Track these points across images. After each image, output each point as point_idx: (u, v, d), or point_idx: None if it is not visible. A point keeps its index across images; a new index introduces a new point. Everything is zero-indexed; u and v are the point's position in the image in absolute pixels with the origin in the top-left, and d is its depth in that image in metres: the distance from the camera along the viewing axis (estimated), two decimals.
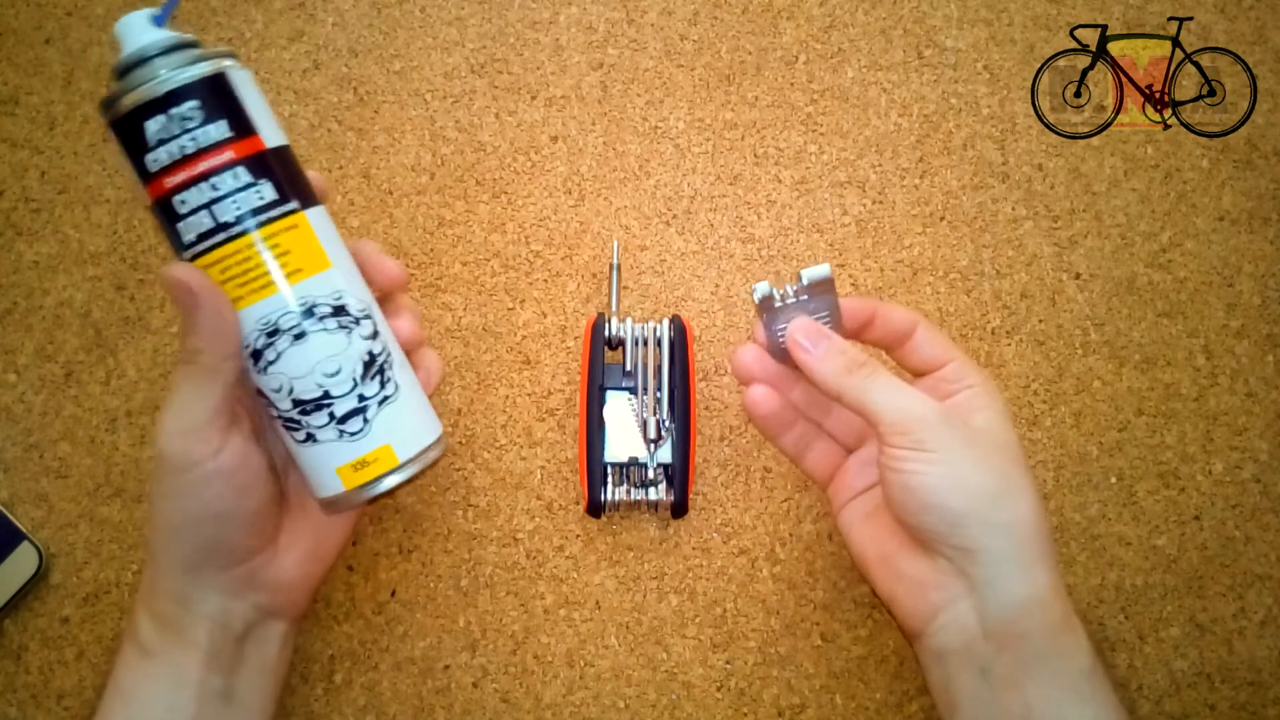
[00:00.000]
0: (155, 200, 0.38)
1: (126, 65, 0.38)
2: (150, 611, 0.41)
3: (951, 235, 0.58)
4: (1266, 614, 0.53)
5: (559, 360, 0.55)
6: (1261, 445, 0.56)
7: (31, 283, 0.56)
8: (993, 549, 0.39)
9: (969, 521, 0.39)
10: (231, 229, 0.38)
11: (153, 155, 0.37)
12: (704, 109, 0.60)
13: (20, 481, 0.53)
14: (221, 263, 0.38)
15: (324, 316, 0.39)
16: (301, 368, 0.39)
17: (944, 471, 0.40)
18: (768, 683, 0.51)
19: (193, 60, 0.38)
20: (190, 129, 0.37)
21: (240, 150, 0.38)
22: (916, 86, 0.61)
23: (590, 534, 0.53)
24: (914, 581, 0.42)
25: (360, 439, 0.40)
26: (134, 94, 0.37)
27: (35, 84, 0.59)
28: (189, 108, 0.37)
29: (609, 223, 0.58)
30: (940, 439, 0.40)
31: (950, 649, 0.41)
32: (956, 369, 0.44)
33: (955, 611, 0.40)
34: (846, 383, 0.42)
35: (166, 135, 0.37)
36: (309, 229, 0.39)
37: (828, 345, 0.43)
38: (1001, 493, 0.40)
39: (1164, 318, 0.58)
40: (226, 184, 0.37)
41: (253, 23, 0.60)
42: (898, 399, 0.41)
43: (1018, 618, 0.39)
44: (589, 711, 0.51)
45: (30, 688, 0.50)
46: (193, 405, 0.38)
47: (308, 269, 0.39)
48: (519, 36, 0.60)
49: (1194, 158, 0.60)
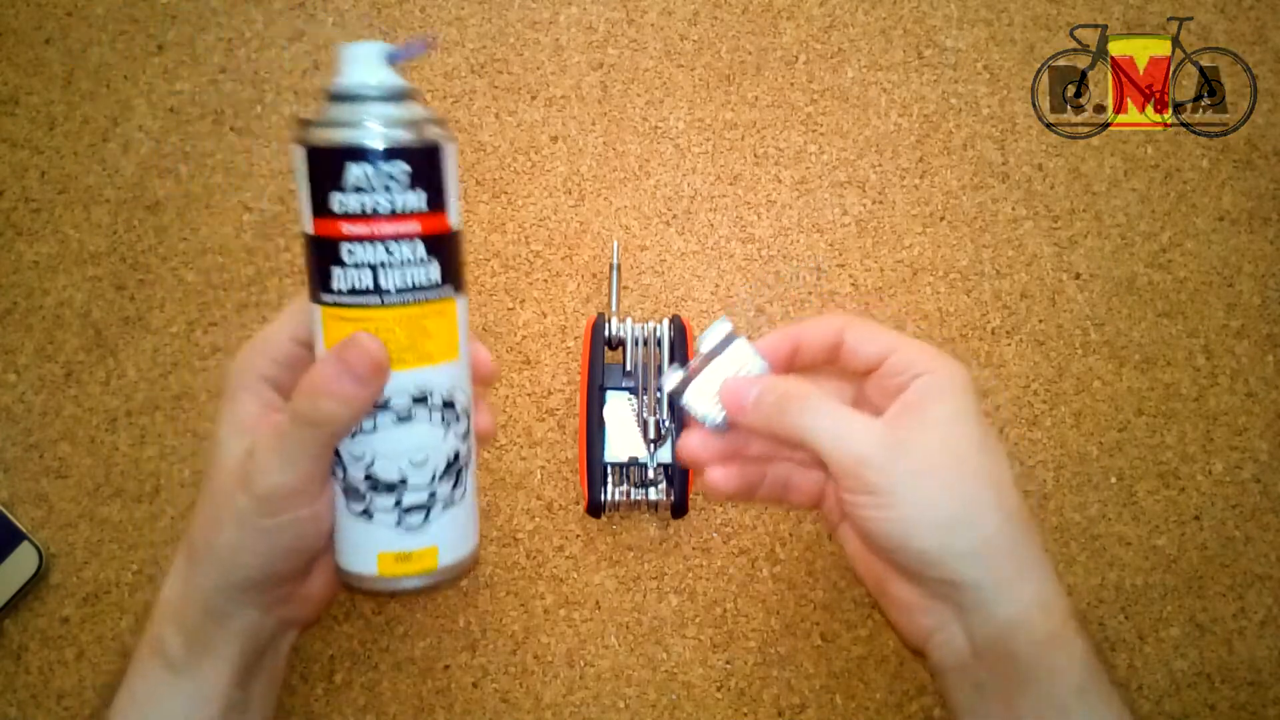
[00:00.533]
0: (320, 237, 0.37)
1: (346, 95, 0.36)
2: (180, 624, 0.40)
3: (951, 235, 0.58)
4: (1266, 614, 0.53)
5: (559, 360, 0.55)
6: (1261, 445, 0.56)
7: (31, 283, 0.56)
8: (969, 578, 0.38)
9: (937, 558, 0.38)
10: (389, 297, 0.37)
11: (342, 197, 0.36)
12: (704, 109, 0.60)
13: (20, 481, 0.53)
14: (361, 323, 0.37)
15: (434, 407, 0.38)
16: (393, 449, 0.38)
17: (898, 515, 0.38)
18: (768, 683, 0.51)
19: (415, 120, 0.37)
20: (391, 190, 0.36)
21: (427, 226, 0.37)
22: (916, 86, 0.61)
23: (590, 534, 0.53)
24: (905, 606, 0.42)
25: (414, 534, 0.39)
26: (347, 132, 0.36)
27: (35, 84, 0.59)
28: (399, 170, 0.36)
29: (609, 223, 0.58)
30: (887, 478, 0.38)
31: (946, 666, 0.41)
32: (900, 361, 0.41)
33: (947, 633, 0.40)
34: (783, 423, 0.40)
35: (365, 186, 0.36)
36: (454, 317, 0.39)
37: (757, 391, 0.41)
38: (967, 519, 0.38)
39: (1164, 318, 0.58)
40: (403, 254, 0.37)
41: (253, 23, 0.60)
42: (839, 431, 0.39)
43: (1002, 638, 0.38)
44: (589, 711, 0.51)
45: (30, 688, 0.50)
46: (305, 459, 0.37)
47: (438, 356, 0.38)
48: (519, 36, 0.61)
49: (1194, 158, 0.60)
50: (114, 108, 0.58)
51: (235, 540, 0.38)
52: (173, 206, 0.57)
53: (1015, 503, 0.39)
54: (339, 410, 0.36)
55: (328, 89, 0.37)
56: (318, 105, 0.37)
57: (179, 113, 0.58)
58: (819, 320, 0.43)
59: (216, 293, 0.56)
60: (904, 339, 0.41)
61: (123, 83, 0.59)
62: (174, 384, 0.55)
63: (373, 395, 0.37)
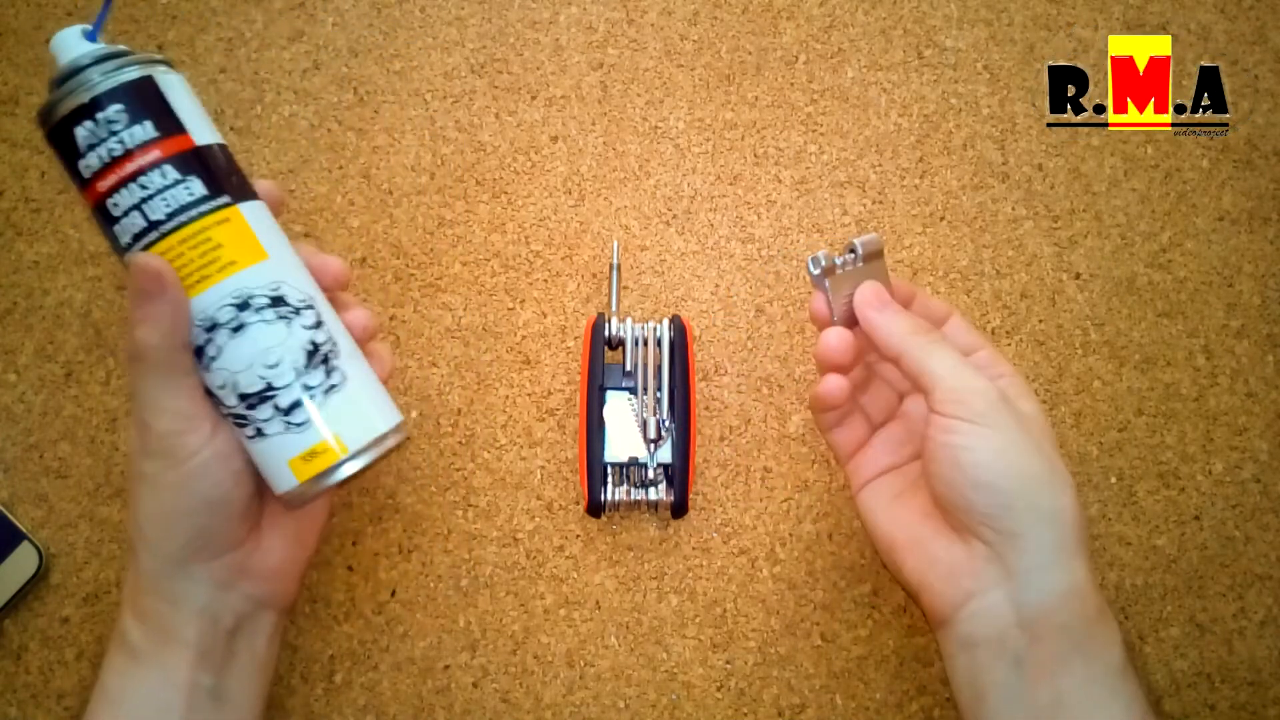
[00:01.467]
0: (93, 206, 0.39)
1: (60, 78, 0.39)
2: (136, 612, 0.40)
3: (951, 235, 0.58)
4: (1266, 614, 0.53)
5: (559, 360, 0.55)
6: (1261, 445, 0.56)
7: (31, 283, 0.56)
8: (1037, 536, 0.39)
9: (1017, 505, 0.39)
10: (163, 226, 0.38)
11: (85, 161, 0.38)
12: (704, 109, 0.60)
13: (20, 481, 0.53)
14: None
15: (261, 308, 0.39)
16: (242, 361, 0.39)
17: (997, 449, 0.39)
18: (768, 683, 0.51)
19: (120, 67, 0.39)
20: (116, 131, 0.38)
21: (167, 149, 0.38)
22: (916, 86, 0.61)
23: (590, 534, 0.53)
24: (947, 567, 0.41)
25: (306, 430, 0.39)
26: (64, 102, 0.38)
27: (35, 84, 0.59)
28: (114, 111, 0.38)
29: (609, 223, 0.58)
30: (996, 415, 0.39)
31: (980, 637, 0.40)
32: (988, 357, 0.44)
33: (989, 599, 0.39)
34: (911, 342, 0.42)
35: (95, 140, 0.38)
36: (242, 222, 0.40)
37: (895, 308, 0.43)
38: (1050, 480, 0.39)
39: (1164, 318, 0.58)
40: (155, 182, 0.38)
41: (253, 23, 0.60)
42: (958, 367, 0.41)
43: (1056, 608, 0.38)
44: (589, 711, 0.51)
45: (30, 688, 0.50)
46: (173, 396, 0.38)
47: (241, 261, 0.39)
48: (519, 36, 0.60)
49: (1194, 158, 0.60)
50: None
51: (153, 508, 0.39)
52: None
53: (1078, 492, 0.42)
54: (151, 334, 0.37)
55: (50, 83, 0.39)
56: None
57: None
58: (934, 298, 0.46)
59: None
60: (990, 342, 0.45)
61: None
62: None
63: (173, 307, 0.37)
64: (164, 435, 0.38)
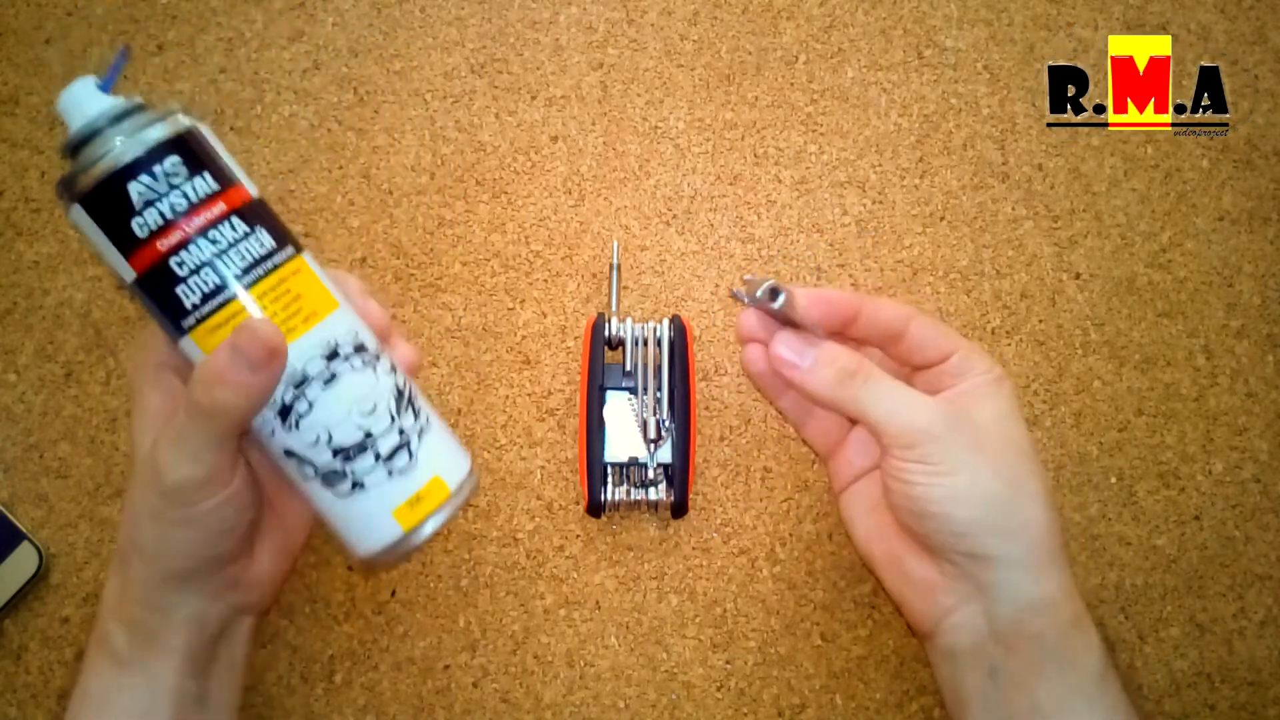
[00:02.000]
0: (146, 270, 0.35)
1: (83, 137, 0.35)
2: (123, 619, 0.39)
3: (951, 235, 0.58)
4: (1266, 614, 0.53)
5: (559, 360, 0.55)
6: (1261, 445, 0.56)
7: (31, 283, 0.56)
8: (1004, 555, 0.39)
9: (978, 530, 0.39)
10: (242, 280, 0.36)
11: (140, 219, 0.35)
12: (704, 109, 0.60)
13: (20, 481, 0.53)
14: (233, 320, 0.36)
15: (348, 356, 0.38)
16: (338, 413, 0.37)
17: (951, 483, 0.38)
18: (768, 683, 0.51)
19: (159, 118, 0.36)
20: (178, 185, 0.35)
21: (230, 201, 0.36)
22: (916, 86, 0.61)
23: (590, 534, 0.53)
24: (922, 585, 0.41)
25: (411, 473, 0.38)
26: (108, 160, 0.35)
27: (35, 84, 0.59)
28: (173, 163, 0.35)
29: (609, 223, 0.58)
30: (946, 450, 0.38)
31: (960, 649, 0.40)
32: (960, 362, 0.42)
33: (965, 613, 0.40)
34: (841, 395, 0.40)
35: (154, 195, 0.35)
36: (310, 270, 0.38)
37: (815, 355, 0.41)
38: (1012, 498, 0.39)
39: (1164, 318, 0.58)
40: (225, 236, 0.36)
41: (253, 23, 0.60)
42: (898, 407, 0.39)
43: (1027, 620, 0.39)
44: (589, 711, 0.51)
45: (30, 688, 0.50)
46: (214, 451, 0.36)
47: (321, 311, 0.37)
48: (519, 36, 0.60)
49: (1194, 158, 0.60)
50: None
51: (156, 535, 0.38)
52: None
53: (1050, 494, 0.41)
54: (235, 400, 0.35)
55: (66, 145, 0.36)
56: (65, 167, 0.36)
57: None
58: (888, 303, 0.42)
59: None
60: (964, 340, 0.42)
61: (123, 82, 0.59)
62: None
63: (271, 380, 0.35)
64: (182, 485, 0.36)
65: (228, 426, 0.36)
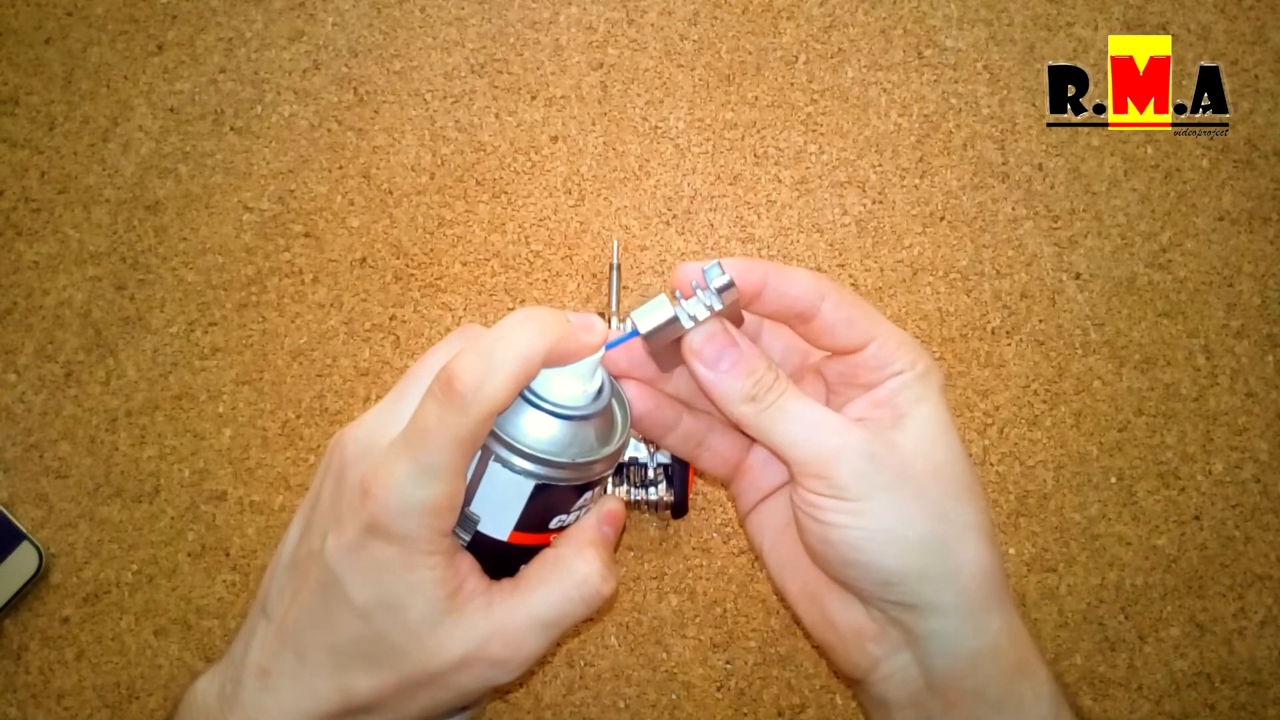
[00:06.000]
0: (516, 545, 0.33)
1: (615, 442, 0.33)
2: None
3: (951, 235, 0.58)
4: (1266, 614, 0.53)
5: None
6: (1261, 445, 0.56)
7: (31, 283, 0.56)
8: (937, 603, 0.33)
9: (905, 579, 0.33)
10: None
11: (565, 516, 0.33)
12: (704, 109, 0.60)
13: (20, 481, 0.53)
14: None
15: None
16: None
17: (871, 525, 0.33)
18: (768, 683, 0.51)
19: (618, 424, 0.35)
20: (588, 504, 0.34)
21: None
22: (916, 86, 0.61)
23: None
24: (849, 630, 0.35)
25: None
26: (587, 470, 0.32)
27: (35, 84, 0.59)
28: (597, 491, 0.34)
29: (609, 223, 0.58)
30: (864, 483, 0.33)
31: (894, 700, 0.35)
32: (878, 353, 0.35)
33: (897, 662, 0.35)
34: (744, 411, 0.34)
35: (586, 505, 0.34)
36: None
37: (732, 360, 0.35)
38: (945, 537, 0.33)
39: (1164, 318, 0.58)
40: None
41: (253, 23, 0.60)
42: (809, 432, 0.34)
43: (967, 671, 0.34)
44: (589, 711, 0.51)
45: (30, 688, 0.50)
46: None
47: None
48: (519, 36, 0.60)
49: (1194, 158, 0.60)
50: (114, 108, 0.58)
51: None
52: (173, 206, 0.57)
53: (989, 522, 0.35)
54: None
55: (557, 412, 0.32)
56: (536, 430, 0.32)
57: (179, 113, 0.58)
58: (799, 274, 0.35)
59: (216, 293, 0.56)
60: (884, 325, 0.36)
61: (123, 83, 0.59)
62: (174, 384, 0.55)
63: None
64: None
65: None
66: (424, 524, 0.30)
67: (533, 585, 0.32)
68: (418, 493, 0.29)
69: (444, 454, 0.29)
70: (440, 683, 0.31)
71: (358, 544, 0.30)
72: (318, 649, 0.31)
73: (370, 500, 0.29)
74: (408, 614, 0.30)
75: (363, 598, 0.30)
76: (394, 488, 0.29)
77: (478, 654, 0.31)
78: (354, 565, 0.30)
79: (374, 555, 0.30)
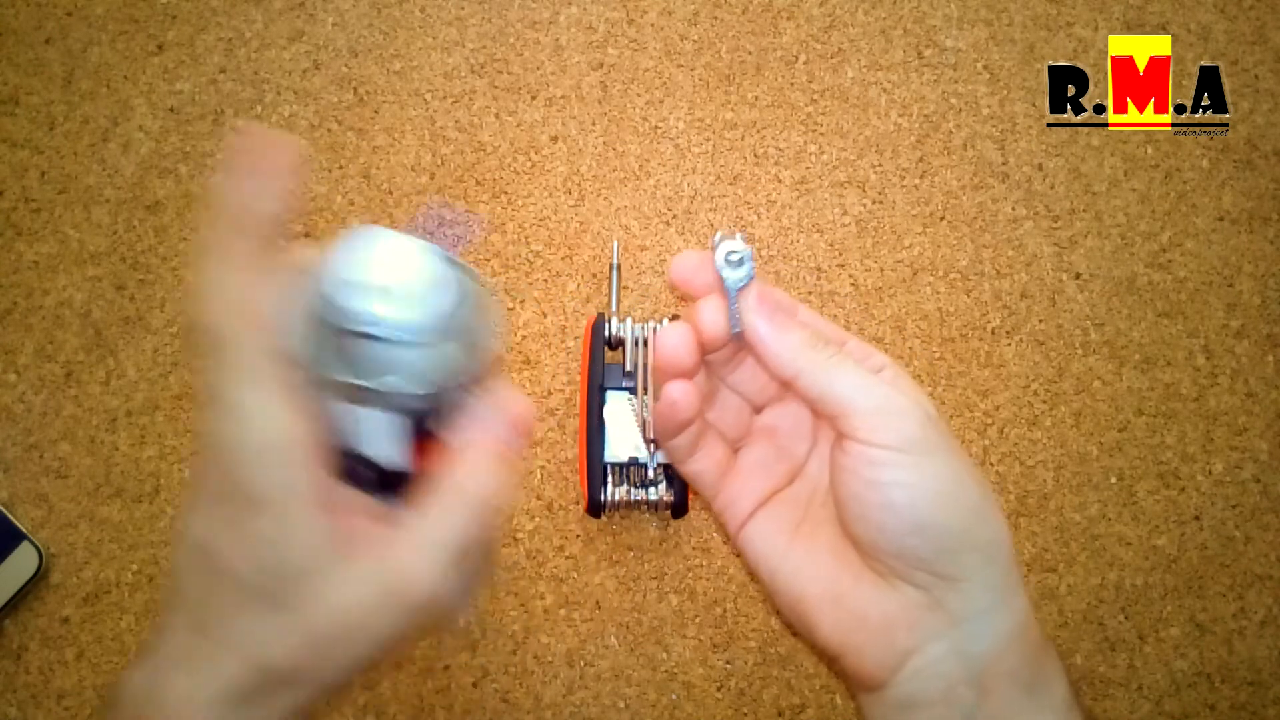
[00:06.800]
0: None
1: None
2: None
3: (951, 235, 0.58)
4: (1266, 614, 0.53)
5: (559, 360, 0.55)
6: (1261, 445, 0.56)
7: (31, 283, 0.56)
8: (981, 577, 0.32)
9: (960, 545, 0.32)
10: None
11: (438, 434, 0.32)
12: (704, 109, 0.60)
13: (20, 481, 0.53)
14: None
15: None
16: None
17: (938, 483, 0.32)
18: (768, 683, 0.51)
19: None
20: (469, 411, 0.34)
21: None
22: (916, 86, 0.61)
23: (590, 534, 0.53)
24: (879, 623, 0.33)
25: None
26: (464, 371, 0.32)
27: (35, 84, 0.59)
28: None
29: (609, 223, 0.58)
30: (928, 439, 0.32)
31: (924, 699, 0.33)
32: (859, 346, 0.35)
33: (931, 655, 0.33)
34: (808, 359, 0.33)
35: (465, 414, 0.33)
36: None
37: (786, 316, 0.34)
38: (985, 507, 0.33)
39: (1164, 318, 0.58)
40: None
41: (253, 23, 0.60)
42: (874, 384, 0.33)
43: (1004, 653, 0.33)
44: (589, 711, 0.51)
45: (30, 688, 0.50)
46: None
47: None
48: (519, 36, 0.61)
49: (1194, 158, 0.60)
50: (114, 108, 0.58)
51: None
52: (173, 206, 0.57)
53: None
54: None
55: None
56: None
57: (179, 113, 0.58)
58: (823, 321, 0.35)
59: None
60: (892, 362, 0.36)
61: (123, 83, 0.59)
62: (174, 384, 0.55)
63: None
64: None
65: None
66: (280, 472, 0.29)
67: (423, 512, 0.31)
68: (259, 437, 0.28)
69: (252, 392, 0.28)
70: (352, 636, 0.30)
71: (226, 514, 0.29)
72: (219, 627, 0.30)
73: (221, 460, 0.29)
74: (295, 571, 0.29)
75: (245, 566, 0.29)
76: (238, 445, 0.28)
77: (382, 595, 0.29)
78: (228, 537, 0.29)
79: (243, 521, 0.29)
